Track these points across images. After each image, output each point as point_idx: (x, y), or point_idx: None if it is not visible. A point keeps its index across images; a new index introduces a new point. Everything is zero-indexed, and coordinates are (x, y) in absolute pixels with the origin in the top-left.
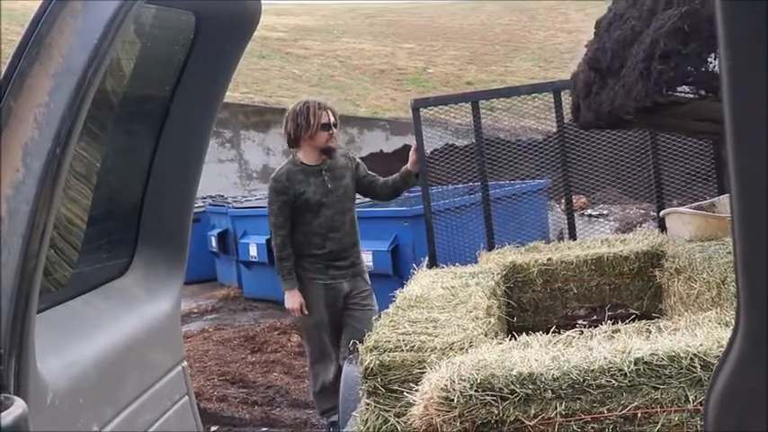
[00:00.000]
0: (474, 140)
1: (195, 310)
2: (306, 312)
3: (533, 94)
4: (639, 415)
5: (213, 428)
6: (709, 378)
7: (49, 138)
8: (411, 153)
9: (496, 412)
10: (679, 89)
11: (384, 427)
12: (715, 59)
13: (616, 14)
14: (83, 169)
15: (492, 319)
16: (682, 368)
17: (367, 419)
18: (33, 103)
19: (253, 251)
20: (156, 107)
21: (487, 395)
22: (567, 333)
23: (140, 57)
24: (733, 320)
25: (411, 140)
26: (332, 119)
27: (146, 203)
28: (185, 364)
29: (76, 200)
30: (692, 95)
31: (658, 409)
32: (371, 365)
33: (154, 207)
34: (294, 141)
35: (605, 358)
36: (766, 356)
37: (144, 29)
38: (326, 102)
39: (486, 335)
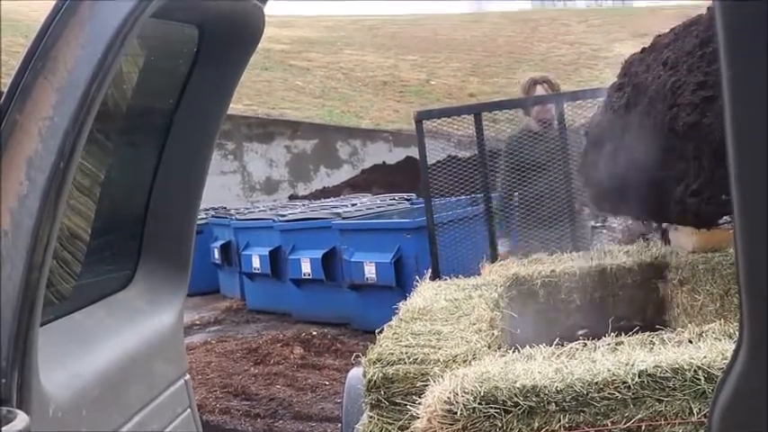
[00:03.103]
0: (476, 152)
1: (198, 322)
2: None
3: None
4: (643, 427)
5: None
6: (713, 390)
7: (53, 151)
8: None
9: (500, 425)
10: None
11: None
12: None
13: (602, 150)
14: (86, 181)
15: (495, 332)
16: (686, 380)
17: None
18: (38, 116)
19: (255, 263)
20: (160, 119)
21: (491, 408)
22: (571, 345)
23: (144, 69)
24: (736, 332)
25: (414, 152)
26: None
27: (149, 215)
28: (188, 376)
29: (80, 211)
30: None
31: (662, 422)
32: (374, 378)
33: (157, 219)
34: None
35: (609, 370)
36: None
37: (148, 42)
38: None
39: (489, 347)
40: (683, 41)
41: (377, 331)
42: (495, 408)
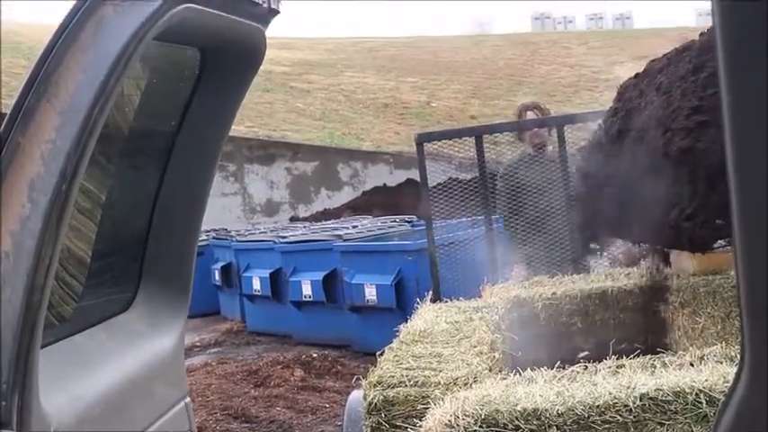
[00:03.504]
0: (477, 174)
1: (198, 344)
2: None
3: (536, 129)
4: None
5: None
6: (714, 414)
7: (55, 174)
8: None
9: None
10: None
11: None
12: None
13: (598, 175)
14: (88, 203)
15: (496, 354)
16: (687, 404)
17: None
18: (40, 139)
19: (256, 285)
20: (162, 142)
21: (492, 431)
22: (572, 368)
23: (146, 92)
24: (738, 355)
25: (415, 174)
26: None
27: (150, 238)
28: (188, 399)
29: (81, 234)
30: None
31: None
32: (375, 401)
33: (158, 241)
34: None
35: (610, 393)
36: None
37: (150, 64)
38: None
39: (490, 370)
40: (677, 66)
41: (377, 353)
42: (496, 431)
